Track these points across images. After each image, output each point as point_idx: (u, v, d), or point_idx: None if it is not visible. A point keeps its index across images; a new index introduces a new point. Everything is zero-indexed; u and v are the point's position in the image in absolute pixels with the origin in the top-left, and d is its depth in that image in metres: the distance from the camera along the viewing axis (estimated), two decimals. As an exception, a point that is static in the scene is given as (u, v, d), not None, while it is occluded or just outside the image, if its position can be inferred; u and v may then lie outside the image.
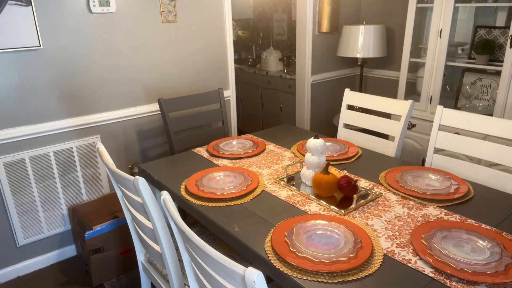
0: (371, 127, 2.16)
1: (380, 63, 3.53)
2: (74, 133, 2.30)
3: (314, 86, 3.47)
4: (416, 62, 2.93)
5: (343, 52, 3.25)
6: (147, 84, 2.51)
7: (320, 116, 3.63)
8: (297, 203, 1.44)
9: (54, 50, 2.13)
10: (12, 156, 2.10)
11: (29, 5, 1.97)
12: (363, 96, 2.20)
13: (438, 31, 2.60)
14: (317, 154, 1.56)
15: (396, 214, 1.34)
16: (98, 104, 2.35)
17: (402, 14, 3.09)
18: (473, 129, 1.75)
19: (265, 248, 1.17)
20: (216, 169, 1.72)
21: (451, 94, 2.91)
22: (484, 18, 2.75)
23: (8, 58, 2.00)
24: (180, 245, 1.16)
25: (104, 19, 2.25)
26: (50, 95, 2.17)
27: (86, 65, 2.26)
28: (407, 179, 1.57)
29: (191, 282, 1.20)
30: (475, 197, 1.46)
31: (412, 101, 2.00)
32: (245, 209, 1.40)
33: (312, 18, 3.23)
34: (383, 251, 1.14)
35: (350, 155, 1.86)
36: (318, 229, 1.24)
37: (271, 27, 4.61)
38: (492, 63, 2.58)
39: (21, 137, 2.12)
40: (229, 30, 2.81)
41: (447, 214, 1.34)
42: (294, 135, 2.18)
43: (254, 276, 0.79)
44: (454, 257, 1.08)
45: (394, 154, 1.98)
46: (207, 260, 0.96)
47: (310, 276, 1.03)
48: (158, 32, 2.47)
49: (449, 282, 1.01)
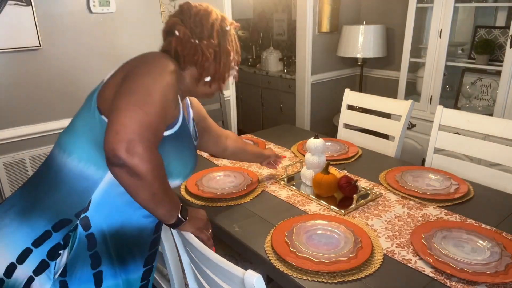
0: (371, 127, 2.16)
1: (380, 63, 3.53)
2: (74, 133, 2.30)
3: (314, 86, 3.47)
4: (416, 62, 2.93)
5: (343, 52, 3.25)
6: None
7: (320, 116, 3.63)
8: (297, 203, 1.44)
9: (54, 50, 2.13)
10: (12, 156, 2.10)
11: (29, 5, 1.97)
12: (363, 96, 2.20)
13: (438, 31, 2.60)
14: (317, 154, 1.56)
15: (396, 214, 1.34)
16: (98, 104, 2.35)
17: (402, 14, 3.09)
18: (473, 129, 1.75)
19: (265, 248, 1.17)
20: (216, 169, 1.72)
21: (451, 94, 2.91)
22: (484, 18, 2.75)
23: (8, 58, 2.00)
24: (180, 247, 1.15)
25: (104, 19, 2.25)
26: (50, 95, 2.17)
27: (86, 65, 2.26)
28: (407, 179, 1.57)
29: (190, 283, 1.20)
30: (475, 197, 1.46)
31: (412, 101, 2.00)
32: (245, 209, 1.40)
33: (312, 18, 3.23)
34: (383, 251, 1.14)
35: (350, 155, 1.86)
36: (318, 229, 1.24)
37: (271, 27, 4.61)
38: (492, 63, 2.58)
39: (21, 137, 2.12)
40: (229, 30, 2.80)
41: (447, 214, 1.33)
42: (294, 135, 2.18)
43: (254, 279, 0.78)
44: (454, 257, 1.08)
45: (394, 154, 1.98)
46: (206, 263, 0.95)
47: (310, 276, 1.03)
48: (158, 32, 2.47)
49: (449, 282, 1.01)
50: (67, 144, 1.01)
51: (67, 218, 0.95)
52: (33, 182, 1.04)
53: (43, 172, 1.04)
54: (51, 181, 1.00)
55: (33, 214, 0.97)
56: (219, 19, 1.10)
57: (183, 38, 1.05)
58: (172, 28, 1.08)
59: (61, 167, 0.99)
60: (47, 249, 0.93)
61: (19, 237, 0.95)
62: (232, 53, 1.13)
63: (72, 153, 0.99)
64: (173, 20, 1.10)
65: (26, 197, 1.01)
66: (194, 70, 1.09)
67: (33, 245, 0.94)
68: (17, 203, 1.01)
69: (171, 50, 1.07)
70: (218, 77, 1.11)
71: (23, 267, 0.92)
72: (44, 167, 1.05)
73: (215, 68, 1.10)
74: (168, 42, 1.09)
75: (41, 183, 1.02)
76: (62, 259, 0.94)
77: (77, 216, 0.95)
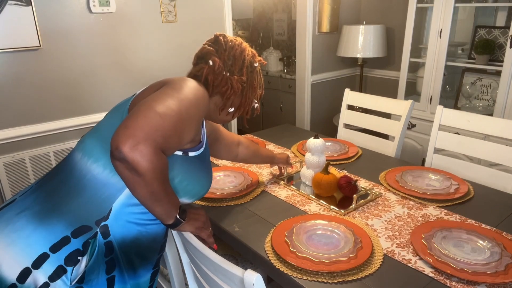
0: (371, 127, 2.16)
1: (380, 63, 3.53)
2: (74, 133, 2.30)
3: (314, 86, 3.47)
4: (416, 62, 2.93)
5: (343, 52, 3.24)
6: (147, 83, 2.50)
7: (320, 116, 3.62)
8: (297, 203, 1.44)
9: (54, 50, 2.13)
10: (12, 156, 2.10)
11: (29, 5, 1.97)
12: (363, 96, 2.20)
13: (438, 31, 2.60)
14: (317, 154, 1.56)
15: (396, 214, 1.34)
16: (98, 104, 2.35)
17: (402, 14, 3.09)
18: (473, 129, 1.75)
19: (265, 248, 1.17)
20: (216, 169, 1.72)
21: (451, 94, 2.91)
22: (484, 18, 2.75)
23: (8, 58, 2.00)
24: (180, 246, 1.16)
25: (104, 19, 2.25)
26: (50, 95, 2.17)
27: (86, 65, 2.26)
28: (407, 179, 1.57)
29: (190, 283, 1.20)
30: (475, 197, 1.46)
31: (412, 101, 2.00)
32: (245, 209, 1.40)
33: (312, 18, 3.23)
34: (383, 251, 1.14)
35: (350, 155, 1.86)
36: (318, 229, 1.24)
37: (271, 27, 4.61)
38: (492, 63, 2.58)
39: (21, 137, 2.12)
40: (229, 30, 2.81)
41: (447, 214, 1.33)
42: (294, 135, 2.18)
43: (253, 279, 0.79)
44: (454, 257, 1.08)
45: (394, 154, 1.98)
46: (206, 262, 0.95)
47: (310, 276, 1.03)
48: (158, 32, 2.47)
49: (449, 282, 1.01)
50: (92, 150, 1.00)
51: (87, 225, 0.94)
52: (50, 185, 1.02)
53: (63, 175, 1.02)
54: (72, 186, 0.98)
55: (52, 219, 0.94)
56: (250, 56, 1.17)
57: (216, 70, 1.10)
58: (206, 56, 1.12)
59: (84, 173, 0.99)
60: (65, 254, 0.92)
61: (35, 241, 0.92)
62: (258, 89, 1.20)
63: (98, 160, 0.98)
64: (208, 49, 1.14)
65: (43, 200, 0.99)
66: (219, 99, 1.13)
67: (50, 250, 0.91)
68: (31, 206, 0.98)
69: (201, 76, 1.11)
70: (241, 109, 1.17)
71: (39, 272, 0.90)
72: (64, 171, 1.03)
73: (240, 101, 1.16)
74: (200, 68, 1.12)
75: (61, 187, 1.00)
76: (80, 266, 0.93)
77: (97, 224, 0.95)
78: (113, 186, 0.97)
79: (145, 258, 1.05)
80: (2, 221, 0.97)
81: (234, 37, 1.17)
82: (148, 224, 1.03)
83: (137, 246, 1.01)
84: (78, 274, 0.93)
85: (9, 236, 0.93)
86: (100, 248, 0.95)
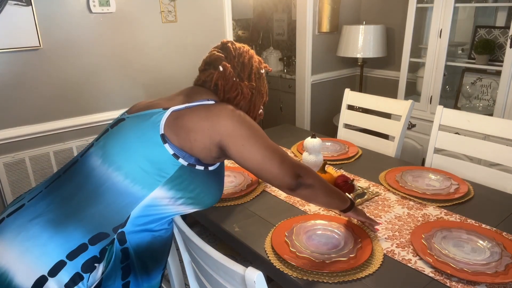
0: (371, 127, 2.16)
1: (380, 63, 3.53)
2: (74, 133, 2.30)
3: (314, 86, 3.47)
4: (416, 62, 2.93)
5: (343, 52, 3.24)
6: (147, 84, 2.51)
7: (320, 116, 3.63)
8: (297, 203, 1.44)
9: (54, 50, 2.13)
10: (12, 156, 2.10)
11: (29, 5, 1.97)
12: (363, 96, 2.20)
13: (438, 31, 2.60)
14: (314, 153, 1.56)
15: (396, 214, 1.34)
16: (98, 104, 2.35)
17: (402, 14, 3.09)
18: (473, 129, 1.75)
19: (265, 248, 1.17)
20: (216, 169, 1.72)
21: (451, 94, 2.91)
22: (484, 18, 2.75)
23: (8, 58, 2.00)
24: (181, 245, 1.16)
25: (104, 19, 2.25)
26: (50, 95, 2.17)
27: (86, 65, 2.26)
28: (407, 179, 1.57)
29: (191, 282, 1.20)
30: (475, 197, 1.46)
31: (412, 101, 2.00)
32: (245, 209, 1.40)
33: (312, 18, 3.23)
34: (383, 251, 1.14)
35: (350, 155, 1.86)
36: (318, 229, 1.24)
37: (271, 27, 4.61)
38: (492, 63, 2.58)
39: (21, 137, 2.12)
40: (229, 30, 2.81)
41: (447, 214, 1.33)
42: (294, 135, 2.18)
43: (254, 276, 0.79)
44: (454, 257, 1.08)
45: (394, 154, 1.98)
46: (207, 260, 0.96)
47: (310, 276, 1.03)
48: (158, 32, 2.47)
49: (449, 282, 1.01)
50: (114, 158, 1.00)
51: (105, 232, 0.94)
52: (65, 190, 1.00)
53: (78, 181, 1.01)
54: (90, 192, 0.98)
55: (68, 226, 0.93)
56: (257, 62, 1.19)
57: (227, 75, 1.12)
58: (216, 62, 1.14)
59: (103, 180, 0.98)
60: (82, 262, 0.91)
61: (52, 249, 0.91)
62: (264, 95, 1.23)
63: (120, 168, 0.98)
64: (218, 55, 1.15)
65: (57, 206, 0.97)
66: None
67: (67, 257, 0.90)
68: (44, 212, 0.96)
69: (210, 82, 1.13)
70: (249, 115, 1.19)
71: (55, 280, 0.89)
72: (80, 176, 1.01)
73: (249, 107, 1.19)
74: (209, 74, 1.14)
75: (77, 193, 0.98)
76: (97, 273, 0.93)
77: (115, 231, 0.95)
78: (132, 195, 0.97)
79: (158, 261, 1.06)
80: (13, 228, 0.95)
81: (241, 44, 1.20)
82: (162, 229, 1.05)
83: (151, 251, 1.02)
84: (94, 281, 0.93)
85: (23, 244, 0.92)
86: (117, 254, 0.95)
